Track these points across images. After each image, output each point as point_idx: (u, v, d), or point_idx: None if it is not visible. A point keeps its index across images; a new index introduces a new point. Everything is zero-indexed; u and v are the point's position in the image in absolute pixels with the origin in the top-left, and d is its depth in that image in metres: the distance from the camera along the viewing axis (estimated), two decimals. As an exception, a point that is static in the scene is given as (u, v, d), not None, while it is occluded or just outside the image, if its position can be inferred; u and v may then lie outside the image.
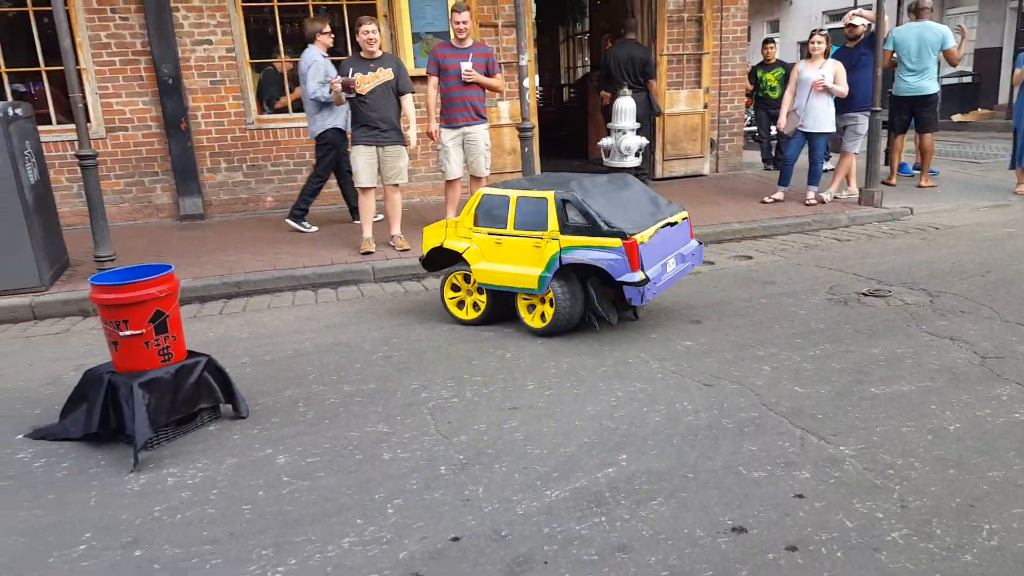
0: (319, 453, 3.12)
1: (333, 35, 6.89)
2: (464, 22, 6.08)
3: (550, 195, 4.17)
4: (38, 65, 7.34)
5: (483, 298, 4.54)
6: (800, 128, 7.30)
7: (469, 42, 6.24)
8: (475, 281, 4.50)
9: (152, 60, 7.33)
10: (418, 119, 6.41)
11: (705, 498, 2.66)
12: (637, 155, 6.61)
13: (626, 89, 6.73)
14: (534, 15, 9.23)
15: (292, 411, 3.53)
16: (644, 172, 8.51)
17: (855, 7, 11.60)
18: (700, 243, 4.78)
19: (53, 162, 7.13)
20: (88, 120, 6.16)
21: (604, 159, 6.74)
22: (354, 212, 7.06)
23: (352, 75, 5.78)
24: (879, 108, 7.05)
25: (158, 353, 3.21)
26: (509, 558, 2.37)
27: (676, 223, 4.45)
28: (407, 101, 6.04)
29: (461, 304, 4.67)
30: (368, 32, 5.74)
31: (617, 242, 3.99)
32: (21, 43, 7.38)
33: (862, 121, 7.36)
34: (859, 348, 3.99)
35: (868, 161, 7.22)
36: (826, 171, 8.17)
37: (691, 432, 3.14)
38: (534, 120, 6.63)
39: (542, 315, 4.33)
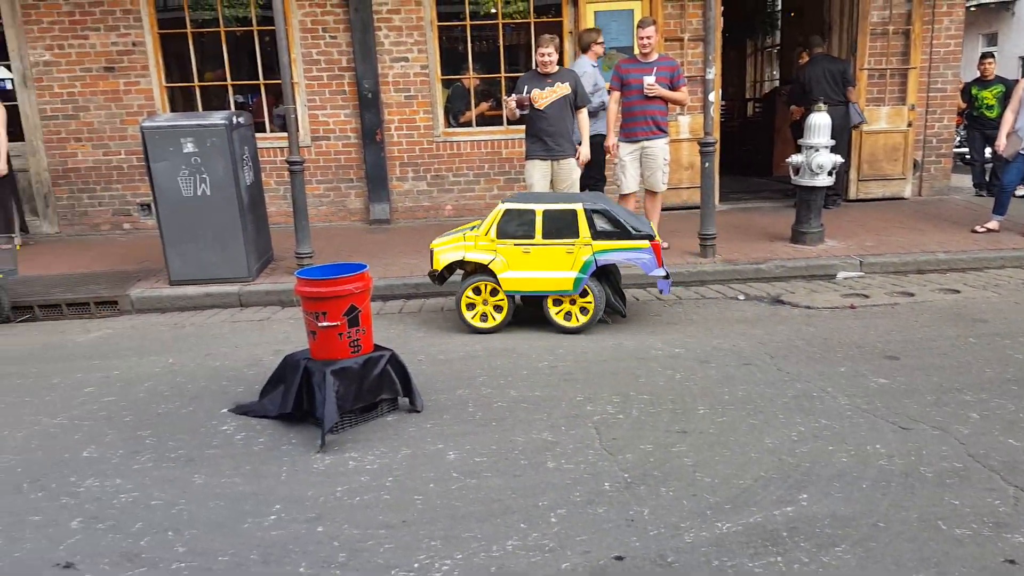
0: (486, 454, 3.19)
1: (604, 44, 7.02)
2: (648, 37, 6.02)
3: (579, 207, 4.65)
4: (257, 79, 8.18)
5: (502, 306, 4.82)
6: (1022, 151, 6.52)
7: (654, 56, 6.17)
8: (497, 290, 4.78)
9: (355, 76, 7.93)
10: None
11: (897, 551, 2.41)
12: (830, 174, 6.19)
13: (821, 104, 6.33)
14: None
15: (462, 410, 3.64)
16: (836, 193, 7.99)
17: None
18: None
19: (264, 166, 7.89)
20: (297, 129, 6.75)
21: (792, 177, 6.38)
22: None
23: (529, 91, 5.90)
24: None
25: (349, 344, 3.43)
26: (675, 585, 2.28)
27: None
28: (583, 115, 6.07)
29: (482, 315, 4.85)
30: (544, 55, 5.84)
31: (646, 243, 4.63)
32: (243, 58, 8.27)
33: (1102, 145, 6.43)
34: (1093, 403, 3.46)
35: (1109, 190, 6.29)
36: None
37: (883, 478, 2.87)
38: (716, 135, 6.41)
39: (569, 314, 4.78)
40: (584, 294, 4.71)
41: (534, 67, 6.01)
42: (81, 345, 4.95)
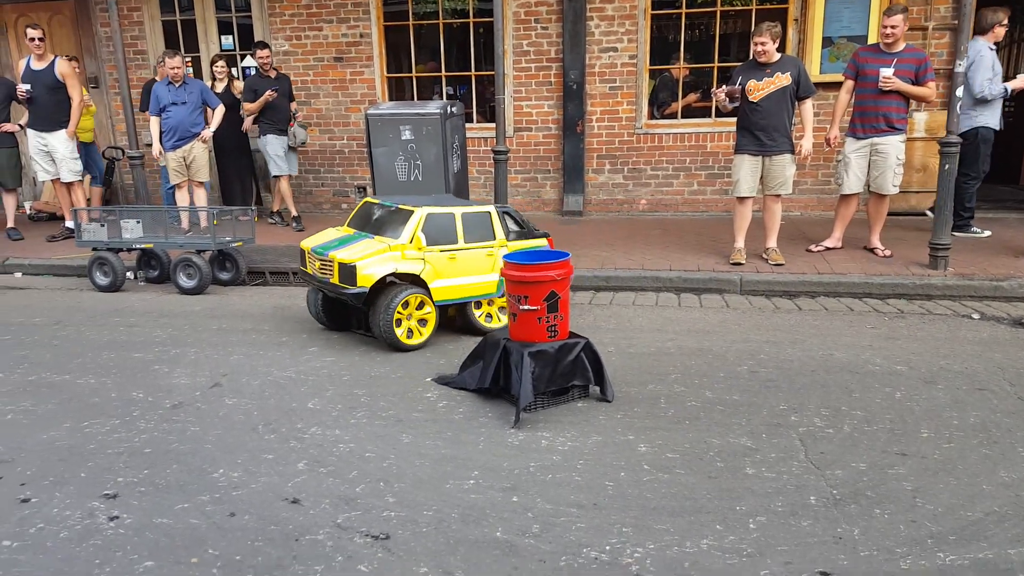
0: (679, 451, 3.11)
1: (1008, 27, 6.48)
2: (895, 26, 5.54)
3: (491, 208, 4.71)
4: (466, 70, 8.55)
5: (428, 319, 4.50)
6: None
7: (899, 47, 5.66)
8: (424, 303, 4.46)
9: (562, 67, 8.05)
10: (816, 127, 6.02)
11: None
12: (1097, 184, 5.35)
13: (1093, 103, 5.48)
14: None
15: (654, 405, 3.58)
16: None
17: None
18: None
19: (468, 154, 8.26)
20: (503, 120, 6.97)
21: (1047, 186, 5.59)
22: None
23: (743, 83, 5.64)
24: None
25: (546, 329, 3.50)
26: (890, 616, 2.09)
27: None
28: (806, 106, 5.70)
29: (408, 331, 4.46)
30: (758, 43, 5.55)
31: (544, 241, 4.80)
32: (454, 50, 8.68)
33: None
34: None
35: None
36: None
37: None
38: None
39: (490, 316, 4.79)
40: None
41: (751, 56, 5.73)
42: (304, 309, 5.46)
